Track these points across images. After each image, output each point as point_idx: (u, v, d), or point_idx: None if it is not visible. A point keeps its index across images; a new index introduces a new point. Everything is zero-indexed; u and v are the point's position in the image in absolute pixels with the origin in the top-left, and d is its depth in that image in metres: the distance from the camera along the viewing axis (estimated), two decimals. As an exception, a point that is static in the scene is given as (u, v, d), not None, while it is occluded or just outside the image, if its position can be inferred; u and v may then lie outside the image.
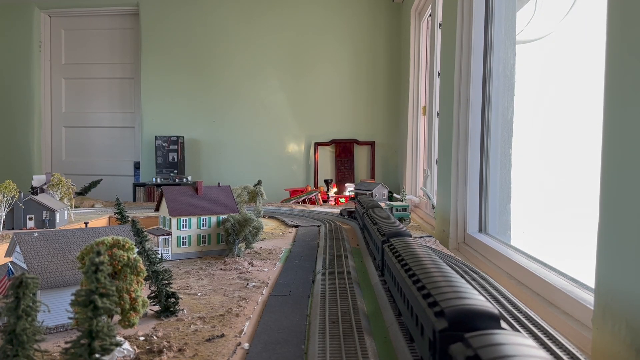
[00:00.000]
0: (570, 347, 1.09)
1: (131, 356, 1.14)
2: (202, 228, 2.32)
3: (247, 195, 3.16)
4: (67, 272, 1.31)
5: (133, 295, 1.21)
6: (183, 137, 6.18)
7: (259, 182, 3.31)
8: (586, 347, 1.35)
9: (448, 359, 0.75)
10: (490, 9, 2.72)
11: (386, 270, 1.51)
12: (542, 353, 0.68)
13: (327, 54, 6.27)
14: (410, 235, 1.60)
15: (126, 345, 1.17)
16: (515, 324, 1.29)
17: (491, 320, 0.80)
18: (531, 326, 1.24)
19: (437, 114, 3.87)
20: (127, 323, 1.20)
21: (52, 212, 2.95)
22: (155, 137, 6.10)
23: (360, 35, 6.24)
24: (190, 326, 1.35)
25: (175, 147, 6.08)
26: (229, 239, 2.28)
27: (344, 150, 6.23)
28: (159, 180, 5.94)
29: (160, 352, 1.15)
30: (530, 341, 0.73)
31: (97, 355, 0.80)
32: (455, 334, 0.77)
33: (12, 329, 0.81)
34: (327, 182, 5.46)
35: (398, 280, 1.18)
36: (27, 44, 6.53)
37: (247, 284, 1.80)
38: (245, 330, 1.32)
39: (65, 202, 3.28)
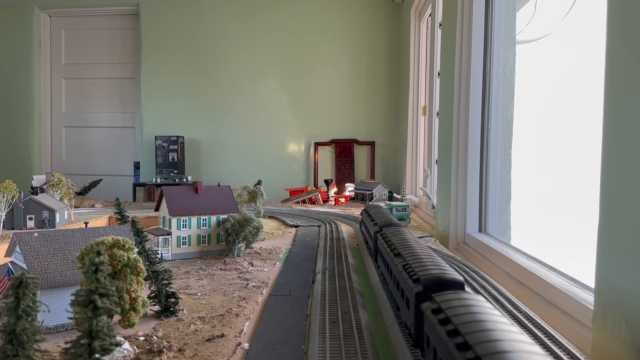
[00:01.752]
0: (570, 347, 1.09)
1: (131, 356, 1.14)
2: (202, 228, 2.32)
3: (247, 195, 3.16)
4: (67, 272, 1.31)
5: (133, 295, 1.21)
6: (183, 137, 6.18)
7: (259, 182, 3.31)
8: (586, 347, 1.35)
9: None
10: (490, 9, 2.72)
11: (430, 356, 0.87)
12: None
13: (327, 53, 6.27)
14: (463, 286, 1.00)
15: (126, 345, 1.17)
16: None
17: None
18: (531, 326, 1.24)
19: (437, 114, 3.87)
20: (127, 323, 1.20)
21: (52, 212, 2.95)
22: (155, 137, 6.10)
23: (360, 35, 6.24)
24: (190, 326, 1.35)
25: (175, 147, 6.08)
26: (229, 239, 2.28)
27: (344, 150, 6.23)
28: (159, 180, 5.94)
29: (160, 352, 1.15)
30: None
31: (97, 355, 0.80)
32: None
33: (12, 329, 0.81)
34: (327, 182, 5.46)
35: None
36: (27, 44, 6.53)
37: (247, 284, 1.80)
38: (245, 330, 1.32)
39: (65, 202, 3.28)
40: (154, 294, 1.44)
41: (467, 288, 0.95)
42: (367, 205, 2.59)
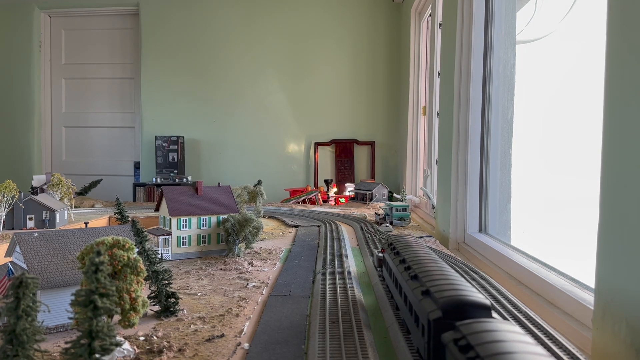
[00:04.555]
0: (570, 347, 1.09)
1: (131, 356, 1.14)
2: (202, 228, 2.32)
3: (247, 195, 3.16)
4: (67, 272, 1.31)
5: (133, 295, 1.20)
6: (183, 137, 6.18)
7: (259, 182, 3.31)
8: (586, 347, 1.35)
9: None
10: (490, 9, 2.72)
11: None
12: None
13: (327, 54, 6.27)
14: None
15: (126, 345, 1.17)
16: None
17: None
18: (531, 326, 1.24)
19: (437, 114, 3.88)
20: (127, 323, 1.20)
21: (52, 212, 2.95)
22: (155, 137, 6.10)
23: (360, 35, 6.24)
24: (190, 326, 1.35)
25: (175, 147, 6.08)
26: (229, 239, 2.28)
27: (344, 150, 6.23)
28: (159, 180, 5.94)
29: (160, 352, 1.15)
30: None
31: (97, 355, 0.80)
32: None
33: (12, 329, 0.81)
34: (327, 182, 5.46)
35: None
36: (27, 44, 6.53)
37: (247, 284, 1.80)
38: (245, 330, 1.32)
39: (65, 202, 3.28)
40: (154, 294, 1.44)
41: None
42: (392, 237, 1.58)
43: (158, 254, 1.56)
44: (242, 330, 1.31)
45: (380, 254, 1.73)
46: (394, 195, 4.67)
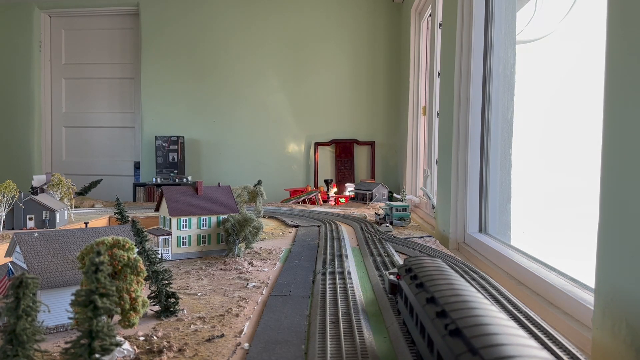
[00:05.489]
0: (570, 347, 1.09)
1: (131, 356, 1.14)
2: (202, 228, 2.32)
3: (247, 195, 3.16)
4: (67, 272, 1.31)
5: (133, 295, 1.20)
6: (183, 137, 6.18)
7: (259, 182, 3.31)
8: (586, 347, 1.35)
9: None
10: (490, 9, 2.72)
11: None
12: None
13: (328, 54, 6.27)
14: None
15: (126, 345, 1.17)
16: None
17: None
18: (531, 326, 1.24)
19: (437, 114, 3.88)
20: (127, 323, 1.20)
21: (52, 212, 2.95)
22: (155, 137, 6.10)
23: (360, 35, 6.24)
24: (190, 326, 1.35)
25: (175, 147, 6.08)
26: (229, 239, 2.28)
27: (344, 150, 6.23)
28: (159, 180, 5.94)
29: (160, 352, 1.15)
30: None
31: (97, 355, 0.80)
32: None
33: (12, 329, 0.81)
34: (327, 182, 5.46)
35: None
36: (27, 44, 6.53)
37: (247, 284, 1.80)
38: (245, 330, 1.32)
39: (65, 202, 3.28)
40: (154, 294, 1.44)
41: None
42: (411, 260, 1.28)
43: (158, 254, 1.56)
44: (242, 330, 1.31)
45: (394, 279, 1.43)
46: (394, 195, 4.67)
